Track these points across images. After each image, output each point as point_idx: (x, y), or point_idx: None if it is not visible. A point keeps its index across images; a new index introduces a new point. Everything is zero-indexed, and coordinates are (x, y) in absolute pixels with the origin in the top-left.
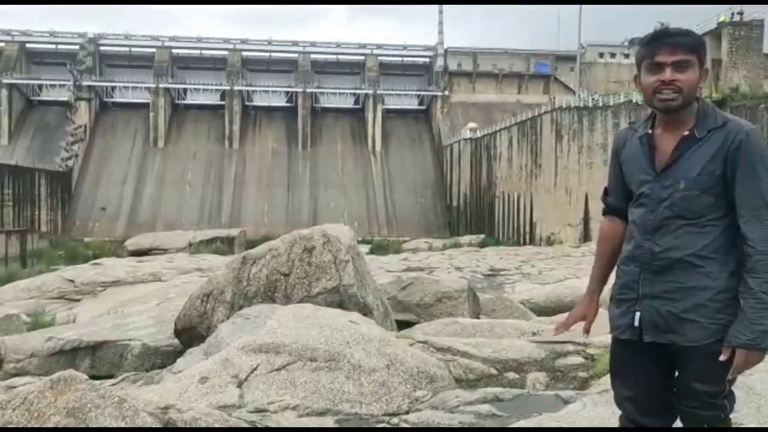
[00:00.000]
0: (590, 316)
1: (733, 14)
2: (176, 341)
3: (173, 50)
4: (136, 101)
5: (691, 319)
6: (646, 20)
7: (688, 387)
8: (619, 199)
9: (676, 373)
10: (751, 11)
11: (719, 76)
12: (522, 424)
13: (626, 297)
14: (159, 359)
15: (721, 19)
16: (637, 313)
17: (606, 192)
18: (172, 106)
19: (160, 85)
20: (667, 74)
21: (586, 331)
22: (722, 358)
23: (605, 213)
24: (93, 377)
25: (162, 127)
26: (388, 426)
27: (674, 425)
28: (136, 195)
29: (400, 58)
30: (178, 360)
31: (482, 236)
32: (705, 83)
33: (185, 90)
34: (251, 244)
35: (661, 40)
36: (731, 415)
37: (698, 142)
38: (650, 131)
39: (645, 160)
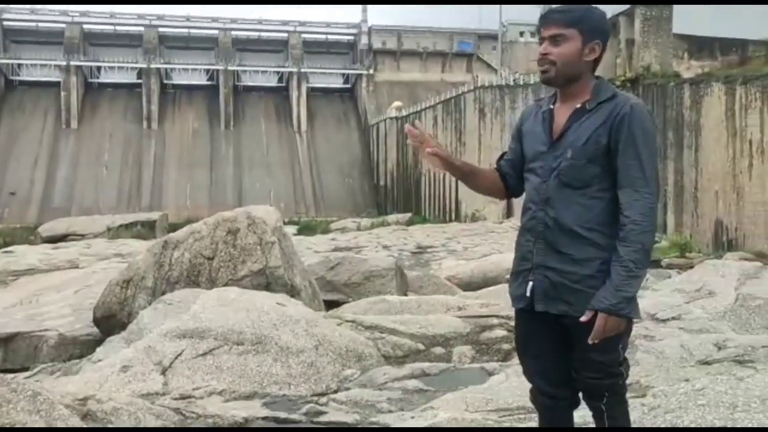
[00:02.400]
0: (433, 147)
1: None
2: (96, 330)
3: (84, 26)
4: (45, 80)
5: (581, 290)
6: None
7: (585, 358)
8: (509, 166)
9: (572, 346)
10: None
11: (632, 55)
12: (448, 396)
13: (522, 268)
14: (77, 349)
15: None
16: (530, 283)
17: (502, 156)
18: (85, 85)
19: (72, 63)
20: (543, 47)
21: (420, 142)
22: (583, 319)
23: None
24: (6, 371)
25: (75, 107)
26: (317, 408)
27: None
28: (48, 178)
29: (324, 36)
30: (98, 349)
31: (409, 215)
32: (592, 57)
33: (99, 68)
34: (173, 227)
35: (543, 16)
36: (643, 378)
37: (587, 113)
38: (552, 106)
39: (544, 132)
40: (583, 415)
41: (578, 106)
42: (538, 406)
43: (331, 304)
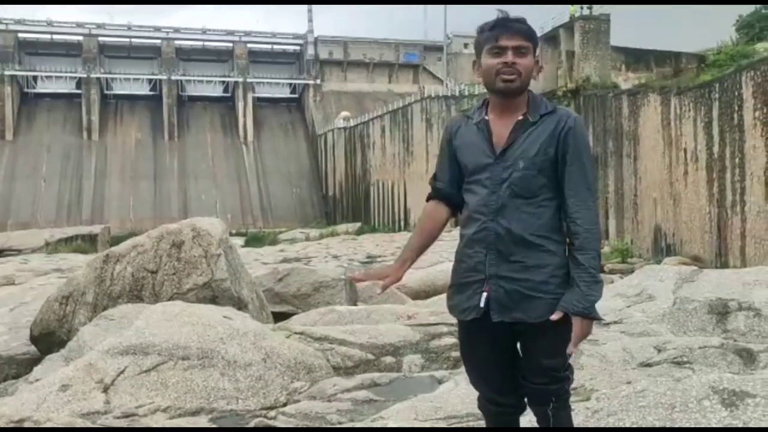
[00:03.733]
0: (392, 278)
1: (582, 8)
2: (33, 348)
3: (20, 35)
4: None
5: (535, 296)
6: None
7: (535, 364)
8: (448, 185)
9: (521, 353)
10: (598, 7)
11: (573, 67)
12: (398, 406)
13: (472, 279)
14: (13, 369)
15: (571, 11)
16: (484, 294)
17: (435, 177)
18: (20, 95)
19: (6, 72)
20: (509, 56)
21: (384, 287)
22: (553, 317)
23: (430, 198)
24: None
25: (10, 118)
26: (265, 420)
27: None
28: None
29: (269, 46)
30: (36, 368)
31: (358, 224)
32: (536, 74)
33: (35, 77)
34: (116, 240)
35: (504, 25)
36: (587, 382)
37: (532, 126)
38: (486, 117)
39: (485, 144)
40: (530, 420)
41: (520, 117)
42: (484, 412)
43: (279, 316)
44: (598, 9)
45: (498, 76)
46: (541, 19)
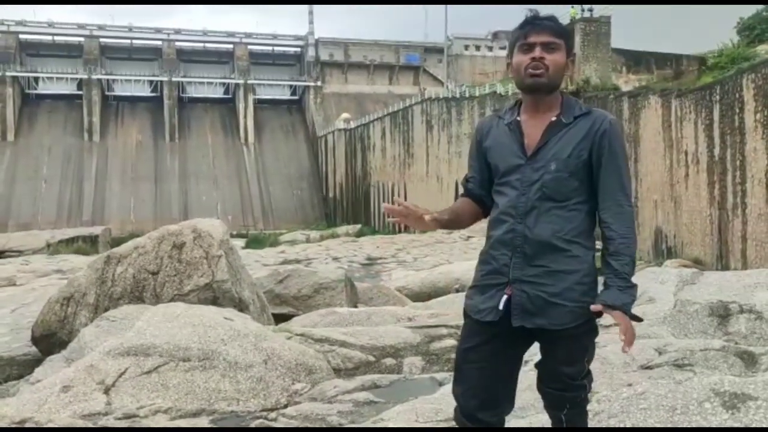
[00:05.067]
0: (417, 214)
1: (583, 10)
2: (34, 349)
3: (21, 36)
4: None
5: (558, 303)
6: (504, 16)
7: (553, 370)
8: (479, 187)
9: (538, 358)
10: (599, 9)
11: (573, 68)
12: (398, 408)
13: (495, 282)
14: (15, 370)
15: (572, 13)
16: (504, 296)
17: (467, 179)
18: (22, 97)
19: (7, 74)
20: (537, 52)
21: (429, 218)
22: (593, 308)
23: (463, 196)
24: None
25: (11, 119)
26: (266, 422)
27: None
28: None
29: (270, 48)
30: (37, 369)
31: (359, 226)
32: (569, 72)
33: (36, 79)
34: (117, 242)
35: (533, 22)
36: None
37: (566, 127)
38: (518, 118)
39: (516, 144)
40: (531, 422)
41: (553, 119)
42: (459, 424)
43: (280, 318)
44: (599, 11)
45: (526, 71)
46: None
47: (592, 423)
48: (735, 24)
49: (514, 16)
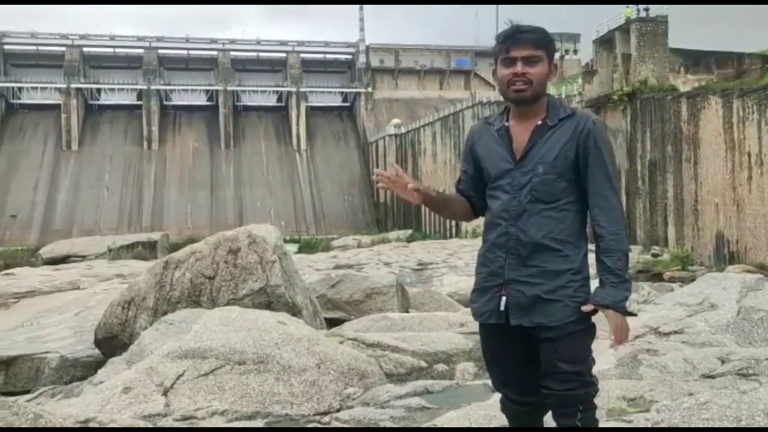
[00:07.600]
0: (404, 181)
1: (639, 10)
2: (97, 351)
3: (84, 49)
4: (46, 102)
5: (554, 300)
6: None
7: (555, 370)
8: (467, 187)
9: (541, 360)
10: (656, 8)
11: (629, 70)
12: (451, 414)
13: (492, 284)
14: (79, 371)
15: (626, 13)
16: (503, 298)
17: (458, 181)
18: (85, 107)
19: (72, 86)
20: (519, 67)
21: (413, 186)
22: (584, 308)
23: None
24: (7, 394)
25: (75, 130)
26: (319, 426)
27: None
28: (49, 201)
29: (321, 55)
30: (99, 371)
31: (410, 231)
32: (554, 79)
33: (99, 90)
34: (174, 247)
35: (513, 36)
36: (647, 393)
37: (551, 130)
38: (506, 124)
39: (505, 150)
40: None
41: (539, 122)
42: (507, 413)
43: (332, 322)
44: (655, 10)
45: (510, 87)
46: (597, 22)
47: None
48: None
49: (564, 15)
